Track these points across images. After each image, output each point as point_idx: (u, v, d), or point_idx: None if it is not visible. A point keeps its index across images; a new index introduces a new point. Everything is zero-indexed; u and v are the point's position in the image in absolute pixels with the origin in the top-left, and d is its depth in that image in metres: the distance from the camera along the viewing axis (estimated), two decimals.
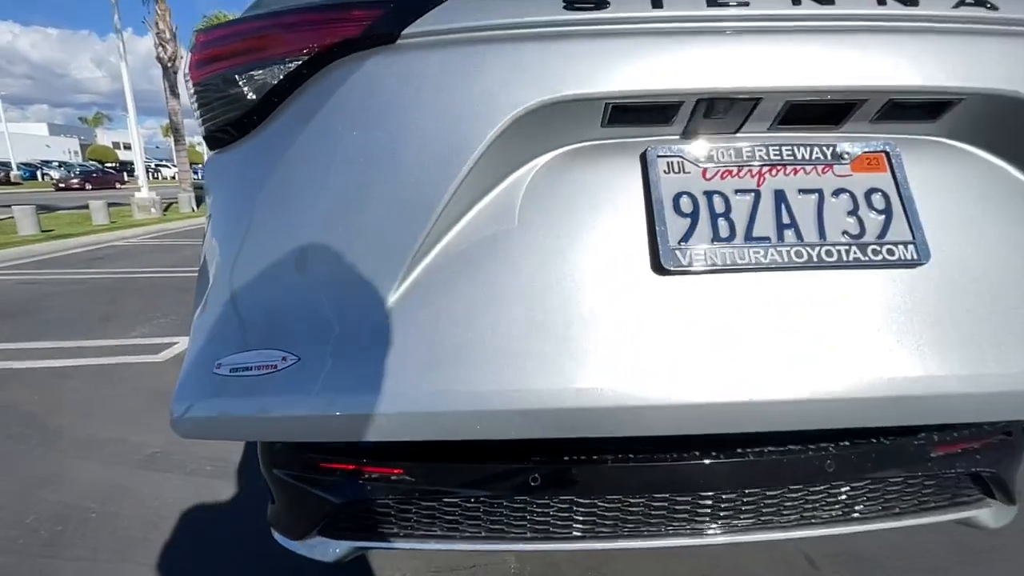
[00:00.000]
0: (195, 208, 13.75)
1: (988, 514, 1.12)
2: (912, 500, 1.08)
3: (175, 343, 3.52)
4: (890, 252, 0.70)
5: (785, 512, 1.03)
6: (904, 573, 1.49)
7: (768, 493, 1.01)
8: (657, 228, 0.71)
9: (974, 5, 0.74)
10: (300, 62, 0.77)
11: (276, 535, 1.10)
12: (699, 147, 0.76)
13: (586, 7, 0.72)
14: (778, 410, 0.66)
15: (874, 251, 0.71)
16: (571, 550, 1.16)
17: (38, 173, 36.45)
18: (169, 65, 12.99)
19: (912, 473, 1.05)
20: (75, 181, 28.73)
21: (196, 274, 0.94)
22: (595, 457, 0.96)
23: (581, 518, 1.00)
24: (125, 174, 38.12)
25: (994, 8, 0.74)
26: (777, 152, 0.76)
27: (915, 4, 0.73)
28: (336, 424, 0.68)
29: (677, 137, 0.78)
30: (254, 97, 0.79)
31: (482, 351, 0.67)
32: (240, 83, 0.80)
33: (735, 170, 0.75)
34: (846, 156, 0.76)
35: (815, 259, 0.70)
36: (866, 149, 0.76)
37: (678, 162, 0.75)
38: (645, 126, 0.76)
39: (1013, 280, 0.72)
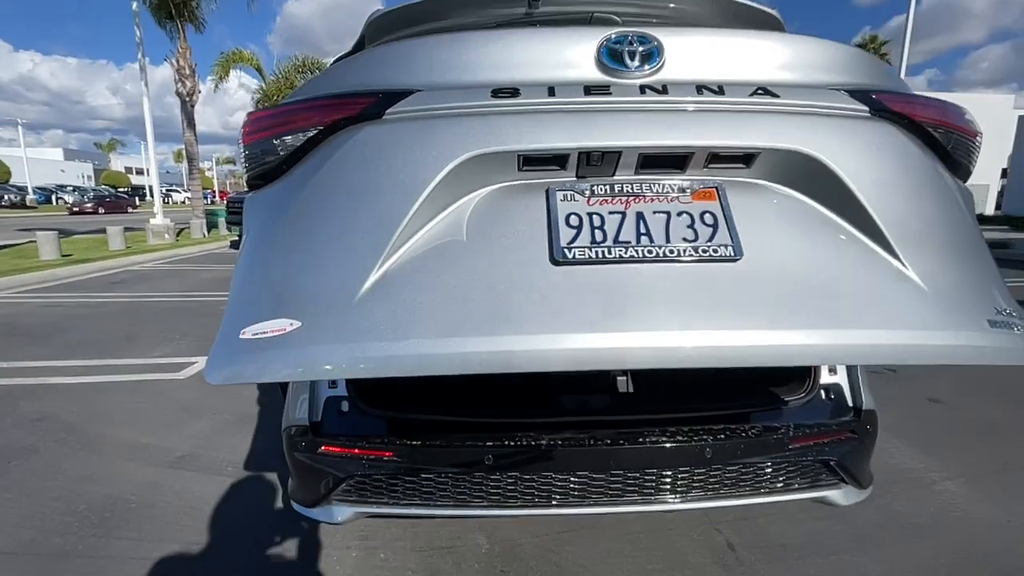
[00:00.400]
0: (206, 234, 14.26)
1: (840, 495, 1.45)
2: (779, 482, 1.42)
3: (194, 363, 3.87)
4: (715, 251, 1.04)
5: (685, 489, 1.37)
6: (805, 554, 1.80)
7: (668, 474, 1.35)
8: (552, 235, 1.06)
9: (763, 94, 1.12)
10: (317, 131, 1.16)
11: (294, 505, 1.44)
12: (585, 184, 1.12)
13: (504, 95, 1.10)
14: (638, 353, 0.97)
15: (703, 251, 1.05)
16: (517, 515, 1.47)
17: (53, 197, 37.37)
18: (187, 99, 13.68)
19: (776, 460, 1.39)
20: (89, 205, 29.48)
21: (210, 299, 1.32)
22: (532, 443, 1.30)
23: (526, 491, 1.34)
24: (137, 199, 39.02)
25: (776, 96, 1.12)
26: (639, 187, 1.12)
27: (722, 93, 1.12)
28: (324, 366, 0.97)
29: (573, 178, 1.14)
30: (284, 154, 1.18)
31: (431, 314, 0.98)
32: (276, 147, 1.19)
33: (610, 199, 1.11)
34: (688, 190, 1.12)
35: (663, 255, 1.04)
36: (702, 186, 1.13)
37: (570, 194, 1.11)
38: (548, 171, 1.13)
39: (798, 269, 1.06)
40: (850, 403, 1.51)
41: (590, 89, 1.10)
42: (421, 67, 1.15)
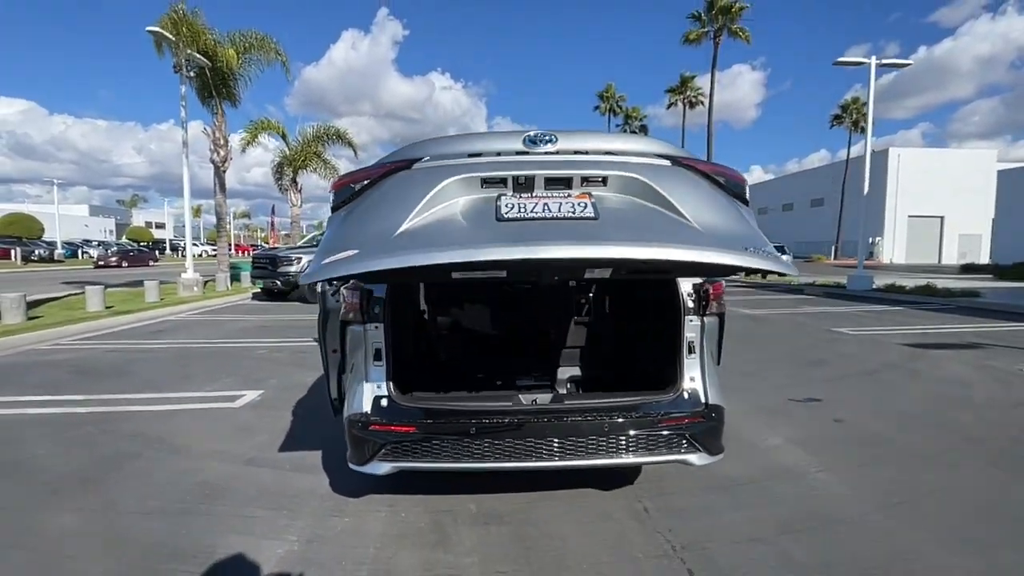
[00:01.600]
0: (228, 287, 15.38)
1: (696, 458, 2.30)
2: (655, 447, 2.26)
3: (244, 395, 4.74)
4: (584, 216, 1.89)
5: (594, 451, 2.23)
6: (696, 515, 2.60)
7: (585, 440, 2.21)
8: (498, 211, 1.92)
9: (610, 155, 2.08)
10: (379, 176, 2.12)
11: (351, 465, 2.31)
12: (517, 193, 2.02)
13: (474, 156, 2.07)
14: (539, 258, 1.73)
15: (578, 216, 1.88)
16: (492, 468, 2.30)
17: (79, 251, 39.24)
18: (220, 166, 15.18)
19: (652, 434, 2.24)
20: (113, 259, 31.04)
21: (245, 345, 2.31)
22: (499, 421, 2.18)
23: (497, 450, 2.20)
24: (157, 252, 40.83)
25: (612, 153, 2.08)
26: (546, 193, 2.03)
27: (588, 154, 2.07)
28: (369, 268, 1.78)
29: (510, 192, 2.04)
30: (358, 189, 2.13)
31: (433, 241, 1.80)
32: (353, 187, 2.13)
33: (529, 198, 2.00)
34: (572, 194, 2.02)
35: (555, 217, 1.89)
36: (579, 192, 2.04)
37: (509, 196, 2.00)
38: (497, 187, 2.03)
39: (630, 223, 1.89)
40: (702, 399, 2.37)
41: (519, 152, 2.08)
42: (430, 150, 2.15)
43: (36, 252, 35.00)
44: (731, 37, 24.83)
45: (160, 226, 74.15)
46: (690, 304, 2.40)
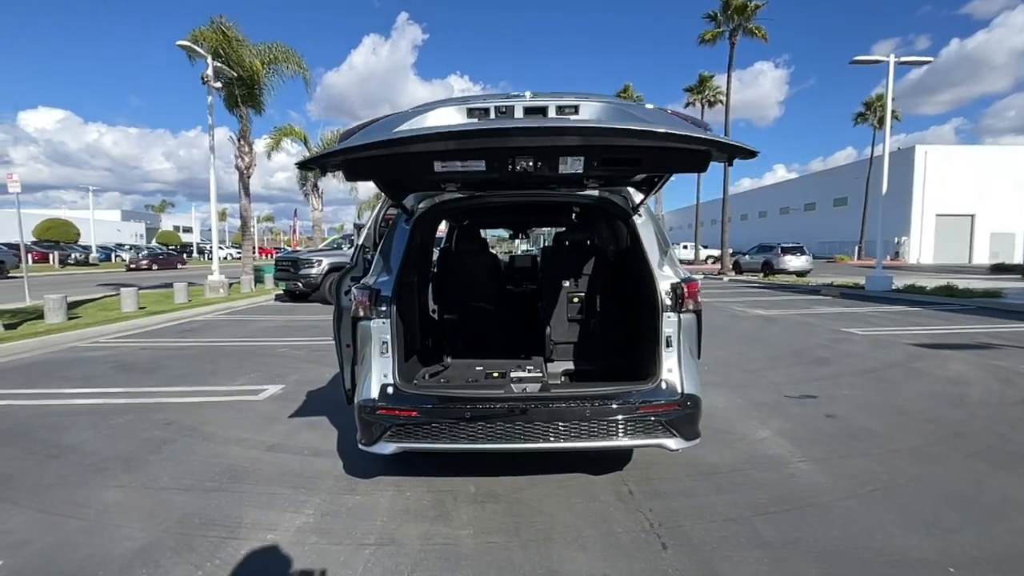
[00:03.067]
0: (253, 288, 15.97)
1: (672, 443, 2.51)
2: (634, 432, 2.48)
3: (267, 389, 5.08)
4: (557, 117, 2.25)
5: (577, 434, 2.45)
6: (677, 497, 2.80)
7: (569, 424, 2.44)
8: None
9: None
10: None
11: (360, 445, 2.58)
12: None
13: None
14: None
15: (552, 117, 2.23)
16: (485, 448, 2.55)
17: (112, 255, 40.82)
18: (245, 172, 15.80)
19: (632, 420, 2.46)
20: (144, 262, 32.25)
21: (268, 343, 2.57)
22: (492, 407, 2.43)
23: (489, 433, 2.45)
24: (185, 255, 42.21)
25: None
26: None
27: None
28: (355, 143, 2.33)
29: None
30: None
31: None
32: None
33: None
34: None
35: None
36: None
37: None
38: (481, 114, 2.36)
39: (605, 119, 2.22)
40: (679, 389, 2.58)
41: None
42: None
43: (72, 256, 36.54)
44: (747, 36, 24.59)
45: (187, 230, 76.46)
46: (668, 302, 2.61)
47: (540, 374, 2.96)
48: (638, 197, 2.89)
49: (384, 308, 2.61)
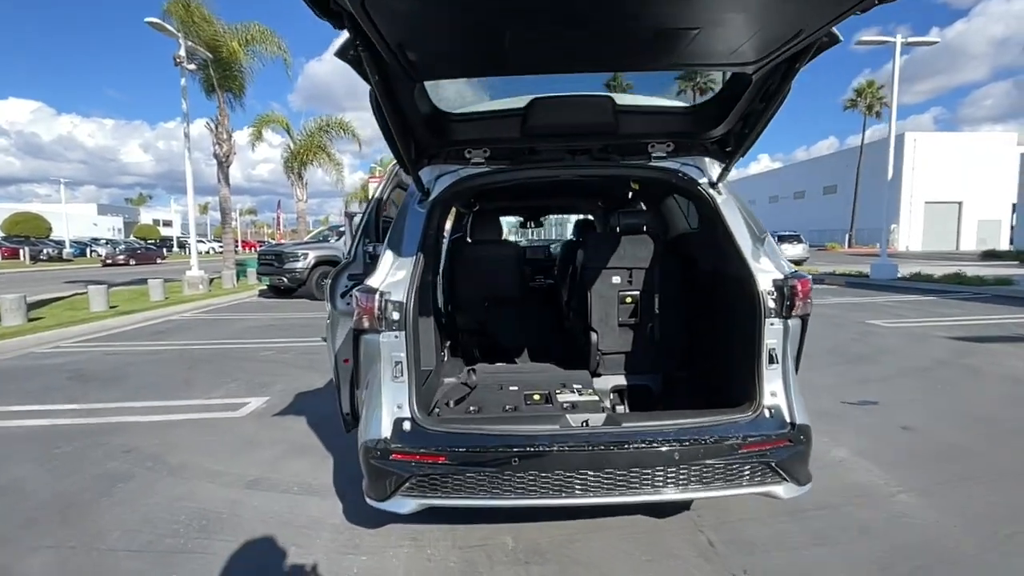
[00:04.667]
0: (235, 284, 15.10)
1: (782, 490, 1.90)
2: (735, 478, 1.87)
3: (248, 403, 4.40)
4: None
5: (661, 484, 1.84)
6: (770, 548, 2.21)
7: (646, 472, 1.82)
8: None
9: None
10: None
11: (369, 500, 1.93)
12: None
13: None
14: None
15: None
16: (539, 505, 1.92)
17: (87, 250, 39.26)
18: (224, 160, 14.87)
19: (729, 462, 1.85)
20: (120, 257, 30.95)
21: (250, 346, 1.95)
22: (547, 448, 1.79)
23: (544, 485, 1.81)
24: (164, 250, 40.78)
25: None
26: None
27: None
28: None
29: None
30: None
31: None
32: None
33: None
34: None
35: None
36: None
37: None
38: None
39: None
40: (787, 419, 1.97)
41: None
42: None
43: (44, 251, 35.01)
44: None
45: (167, 224, 74.31)
46: (771, 304, 1.99)
47: (596, 398, 2.34)
48: (715, 170, 2.26)
49: (397, 318, 1.96)
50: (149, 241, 47.67)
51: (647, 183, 2.82)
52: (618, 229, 2.70)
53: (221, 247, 16.07)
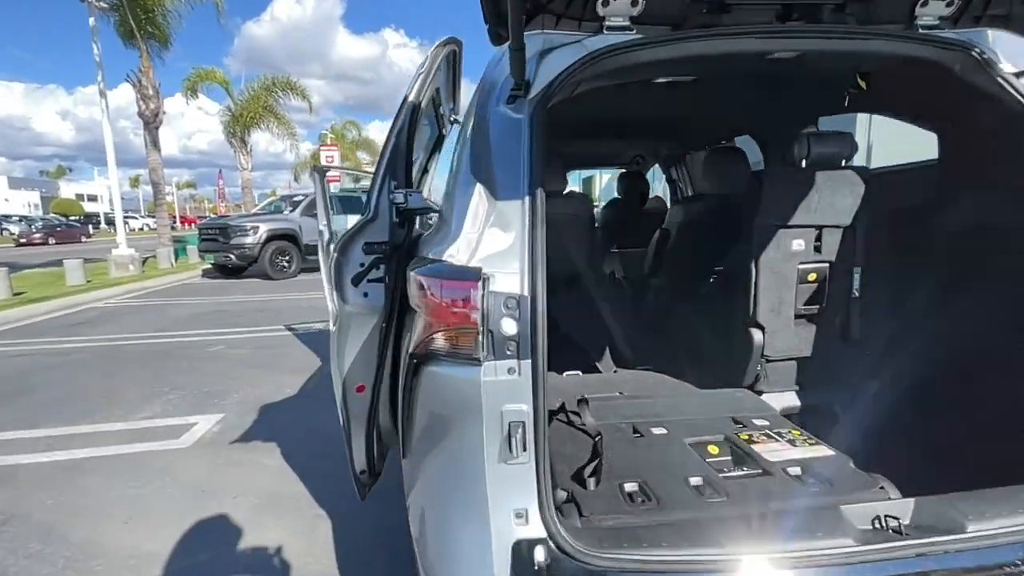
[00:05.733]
0: (173, 263, 13.28)
1: None
2: None
3: (195, 424, 3.23)
4: None
5: None
6: None
7: None
8: None
9: None
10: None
11: None
12: None
13: None
14: None
15: None
16: None
17: None
18: (151, 121, 12.79)
19: None
20: (37, 236, 27.59)
21: (196, 339, 0.86)
22: None
23: None
24: (91, 227, 36.90)
25: None
26: None
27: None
28: None
29: None
30: None
31: None
32: None
33: None
34: None
35: None
36: None
37: None
38: None
39: None
40: None
41: None
42: None
43: None
44: None
45: (93, 198, 67.78)
46: None
47: (829, 450, 1.34)
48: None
49: (513, 332, 0.93)
50: (72, 217, 43.03)
51: (899, 70, 1.61)
52: (803, 163, 1.71)
53: (156, 223, 14.14)
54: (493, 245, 1.00)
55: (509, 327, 0.94)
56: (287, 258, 10.65)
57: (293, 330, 5.87)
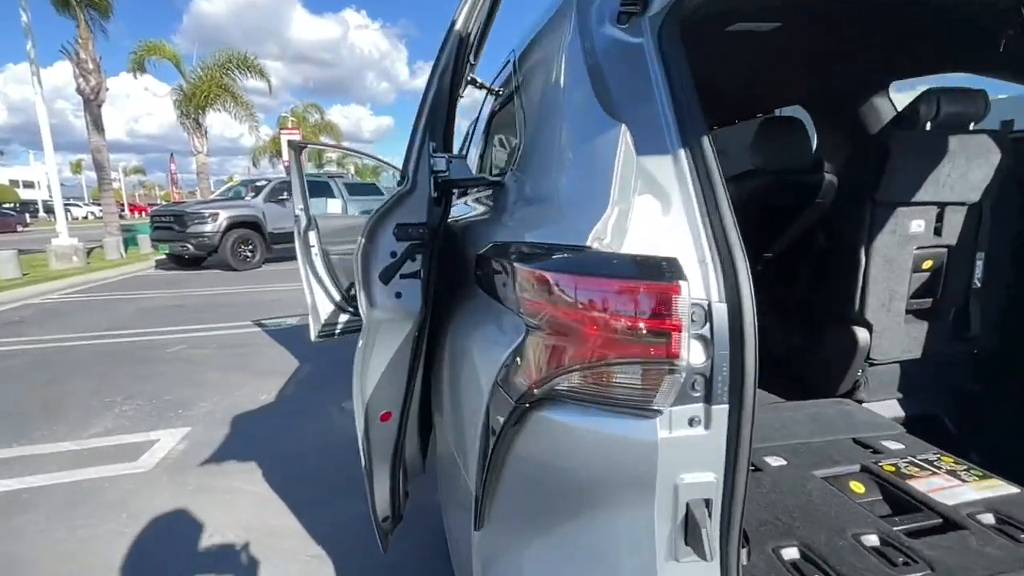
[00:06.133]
0: (123, 254, 12.26)
1: None
2: None
3: (156, 441, 2.77)
4: None
5: None
6: None
7: None
8: None
9: None
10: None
11: None
12: None
13: None
14: None
15: None
16: None
17: None
18: (92, 98, 11.64)
19: None
20: None
21: (151, 338, 0.54)
22: None
23: None
24: (27, 215, 34.24)
25: None
26: None
27: None
28: None
29: None
30: None
31: None
32: None
33: None
34: None
35: None
36: None
37: None
38: None
39: None
40: None
41: None
42: None
43: None
44: None
45: (29, 185, 63.05)
46: None
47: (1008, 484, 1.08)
48: None
49: (703, 362, 0.59)
50: (6, 205, 39.82)
51: None
52: (928, 126, 1.42)
53: (103, 210, 12.98)
54: (650, 222, 0.66)
55: (696, 354, 0.60)
56: (250, 247, 9.95)
57: (263, 326, 5.35)
